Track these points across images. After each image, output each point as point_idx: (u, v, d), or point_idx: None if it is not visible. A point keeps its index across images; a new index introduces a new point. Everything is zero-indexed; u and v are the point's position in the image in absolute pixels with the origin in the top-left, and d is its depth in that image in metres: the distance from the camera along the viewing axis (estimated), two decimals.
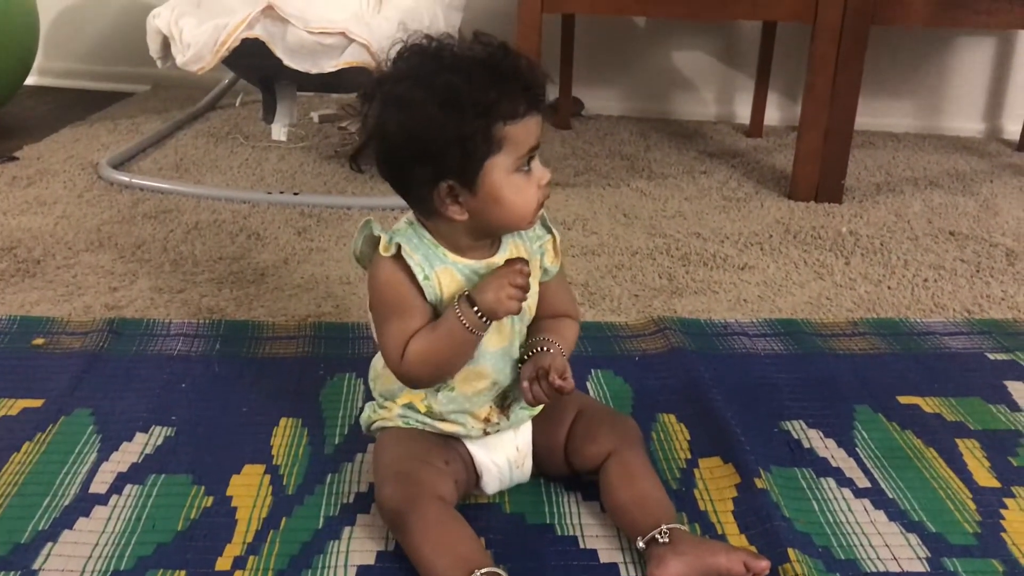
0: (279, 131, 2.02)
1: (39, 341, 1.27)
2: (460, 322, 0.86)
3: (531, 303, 0.94)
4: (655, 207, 1.92)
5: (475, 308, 0.86)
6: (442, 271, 0.88)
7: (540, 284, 0.96)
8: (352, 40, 1.79)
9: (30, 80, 2.60)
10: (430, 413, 0.94)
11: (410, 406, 0.94)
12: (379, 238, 0.89)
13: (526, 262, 0.89)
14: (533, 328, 0.95)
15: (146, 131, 2.33)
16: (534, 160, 0.87)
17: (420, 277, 0.87)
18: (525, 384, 0.91)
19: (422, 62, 0.85)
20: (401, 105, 0.84)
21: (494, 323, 0.88)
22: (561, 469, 0.99)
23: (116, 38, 2.86)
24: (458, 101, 0.82)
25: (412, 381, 0.91)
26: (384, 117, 0.86)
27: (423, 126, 0.83)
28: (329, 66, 1.81)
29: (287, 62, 1.80)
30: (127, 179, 1.94)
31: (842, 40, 1.87)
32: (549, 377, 0.89)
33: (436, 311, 0.89)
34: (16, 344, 1.27)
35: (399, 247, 0.87)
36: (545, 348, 0.92)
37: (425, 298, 0.88)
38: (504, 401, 0.94)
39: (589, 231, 1.77)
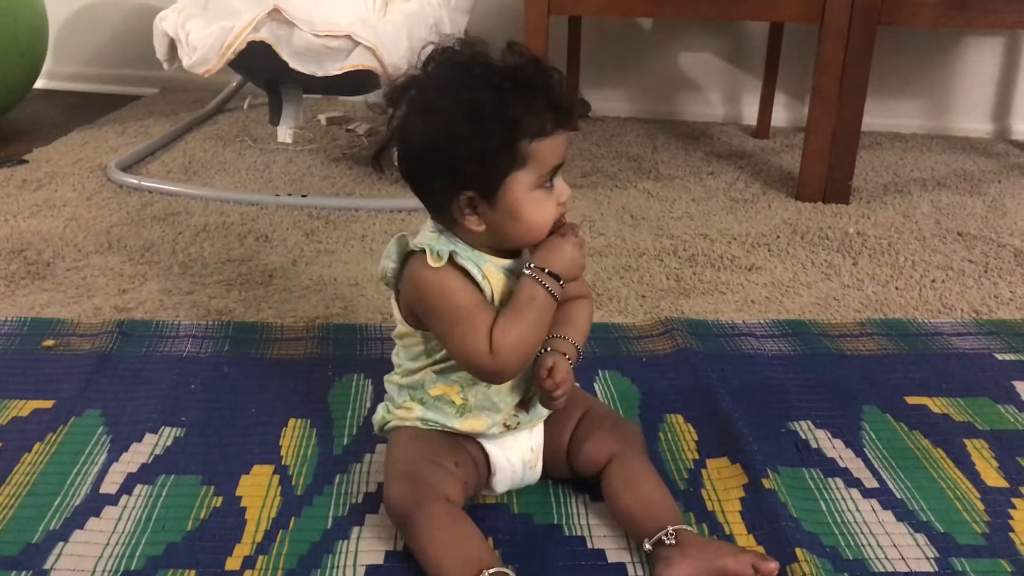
0: (285, 133, 2.02)
1: (49, 343, 1.28)
2: (547, 292, 0.87)
3: None
4: (662, 208, 1.92)
5: (558, 279, 0.87)
6: (487, 270, 0.89)
7: None
8: (358, 43, 1.80)
9: (39, 84, 2.61)
10: (464, 406, 0.93)
11: (443, 399, 0.94)
12: (412, 252, 0.89)
13: (565, 222, 0.90)
14: None
15: (154, 134, 2.34)
16: (557, 177, 0.87)
17: (479, 277, 0.87)
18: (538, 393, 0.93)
19: (452, 71, 0.85)
20: (427, 114, 0.84)
21: None
22: (564, 472, 0.99)
23: (124, 41, 2.87)
24: (484, 115, 0.82)
25: (504, 371, 0.88)
26: (409, 123, 0.86)
27: (447, 137, 0.83)
28: (335, 69, 1.82)
29: (293, 65, 1.81)
30: (136, 182, 1.94)
31: (849, 41, 1.87)
32: (541, 383, 0.90)
33: None
34: (26, 346, 1.28)
35: (449, 255, 0.87)
36: (549, 348, 0.92)
37: (483, 294, 0.88)
38: (526, 395, 0.95)
39: (596, 232, 1.77)
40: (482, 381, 0.91)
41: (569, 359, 0.92)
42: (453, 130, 0.82)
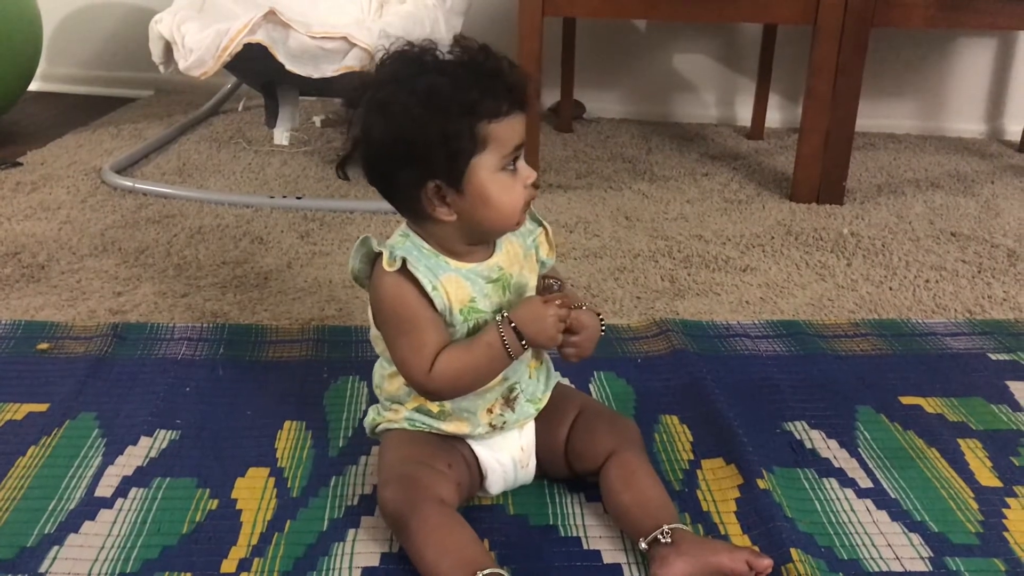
0: (281, 135, 2.02)
1: (44, 346, 1.28)
2: (504, 347, 0.87)
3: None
4: (657, 209, 1.92)
5: (521, 339, 0.87)
6: (447, 279, 0.89)
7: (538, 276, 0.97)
8: (354, 45, 1.80)
9: (33, 86, 2.61)
10: (441, 413, 0.94)
11: (420, 409, 0.95)
12: (377, 254, 0.89)
13: (560, 282, 0.90)
14: None
15: (149, 136, 2.34)
16: (519, 159, 0.88)
17: (429, 288, 0.87)
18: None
19: (404, 66, 0.86)
20: (384, 109, 0.85)
21: None
22: (562, 471, 0.99)
23: (119, 44, 2.87)
24: (441, 101, 0.83)
25: (435, 395, 0.91)
26: (368, 122, 0.86)
27: (407, 127, 0.84)
28: (331, 70, 1.82)
29: (289, 67, 1.81)
30: (130, 184, 1.94)
31: (843, 42, 1.87)
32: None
33: (443, 319, 0.89)
34: (21, 349, 1.27)
35: (403, 261, 0.87)
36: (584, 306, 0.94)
37: (435, 309, 0.88)
38: (510, 394, 0.95)
39: (591, 234, 1.77)
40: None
41: (602, 320, 0.94)
42: (412, 119, 0.83)
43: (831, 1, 1.85)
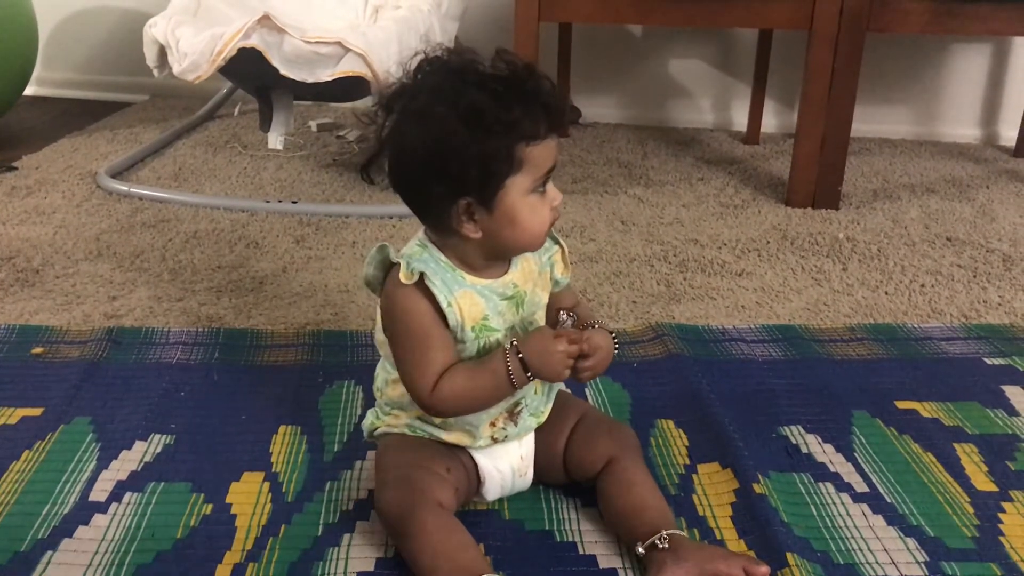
0: (276, 140, 2.02)
1: (38, 350, 1.27)
2: (508, 376, 0.87)
3: (541, 315, 0.95)
4: (653, 214, 1.93)
5: (527, 371, 0.87)
6: (462, 295, 0.88)
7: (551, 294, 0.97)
8: (348, 49, 1.80)
9: (29, 90, 2.61)
10: (444, 424, 0.94)
11: (423, 417, 0.94)
12: (393, 264, 0.89)
13: (574, 316, 0.90)
14: None
15: (144, 140, 2.33)
16: (548, 181, 0.88)
17: (444, 305, 0.87)
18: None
19: (444, 78, 0.84)
20: (422, 120, 0.83)
21: None
22: (560, 478, 0.99)
23: (114, 48, 2.87)
24: (482, 119, 0.81)
25: (436, 413, 0.90)
26: (403, 131, 0.85)
27: (445, 143, 0.82)
28: (325, 75, 1.82)
29: (283, 71, 1.80)
30: (126, 188, 1.94)
31: (838, 47, 1.88)
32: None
33: (454, 335, 0.89)
34: (15, 353, 1.27)
35: (421, 274, 0.86)
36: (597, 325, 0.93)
37: (447, 325, 0.88)
38: (515, 408, 0.94)
39: (587, 238, 1.77)
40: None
41: (616, 339, 0.92)
42: (451, 135, 0.82)
43: (827, 6, 1.85)
